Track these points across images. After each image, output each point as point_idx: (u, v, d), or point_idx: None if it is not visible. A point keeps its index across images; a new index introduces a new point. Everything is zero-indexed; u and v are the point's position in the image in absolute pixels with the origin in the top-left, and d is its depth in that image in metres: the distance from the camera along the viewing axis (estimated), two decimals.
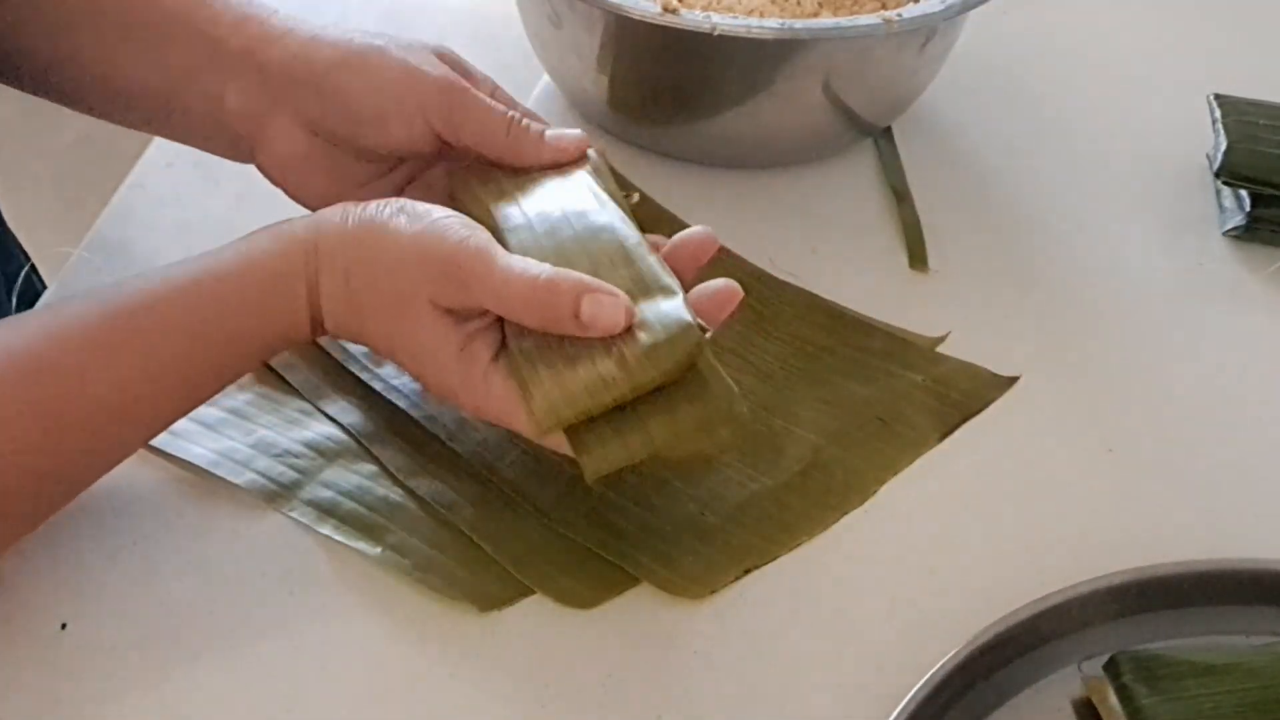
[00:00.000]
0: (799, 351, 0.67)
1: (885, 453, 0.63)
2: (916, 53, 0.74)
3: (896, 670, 0.53)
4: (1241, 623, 0.56)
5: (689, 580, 0.58)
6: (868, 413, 0.65)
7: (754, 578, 0.58)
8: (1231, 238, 0.75)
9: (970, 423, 0.65)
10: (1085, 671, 0.54)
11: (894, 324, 0.69)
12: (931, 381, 0.66)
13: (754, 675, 0.55)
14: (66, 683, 0.54)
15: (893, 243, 0.74)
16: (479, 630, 0.56)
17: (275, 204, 0.75)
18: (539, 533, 0.59)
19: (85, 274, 0.70)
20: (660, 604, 0.57)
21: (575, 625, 0.56)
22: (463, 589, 0.57)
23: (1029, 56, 0.89)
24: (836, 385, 0.66)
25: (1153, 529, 0.61)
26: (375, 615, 0.56)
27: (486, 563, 0.58)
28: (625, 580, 0.57)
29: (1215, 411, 0.66)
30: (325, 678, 0.54)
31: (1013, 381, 0.67)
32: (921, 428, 0.64)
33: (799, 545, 0.59)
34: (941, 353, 0.68)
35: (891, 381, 0.66)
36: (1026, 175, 0.80)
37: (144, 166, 0.77)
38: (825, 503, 0.61)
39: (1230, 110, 0.78)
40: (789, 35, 0.68)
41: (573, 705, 0.54)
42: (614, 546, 0.58)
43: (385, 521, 0.59)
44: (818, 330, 0.68)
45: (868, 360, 0.67)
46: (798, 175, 0.78)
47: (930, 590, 0.58)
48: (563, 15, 0.74)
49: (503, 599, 0.57)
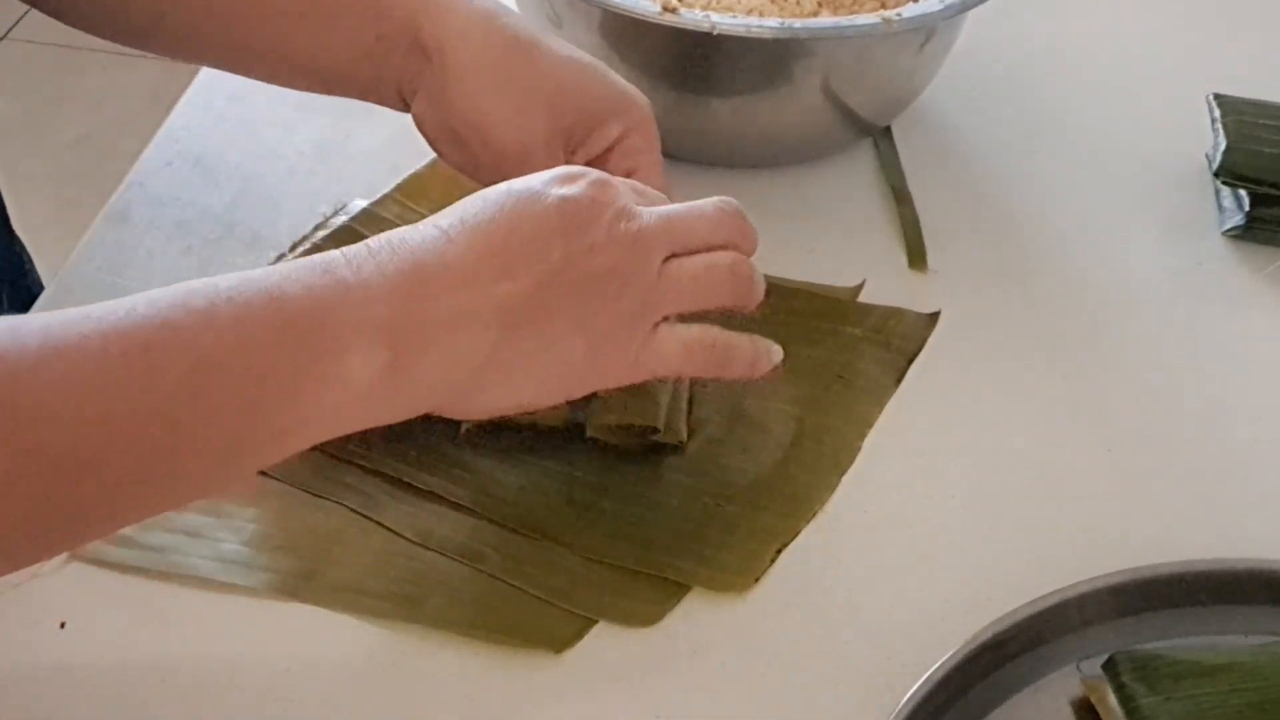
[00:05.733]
0: (739, 327, 0.68)
1: (857, 409, 0.65)
2: (916, 52, 0.74)
3: (896, 670, 0.53)
4: (1241, 622, 0.56)
5: (732, 574, 0.58)
6: (827, 374, 0.66)
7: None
8: (1230, 237, 0.75)
9: (970, 422, 0.65)
10: (1084, 671, 0.54)
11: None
12: (870, 332, 0.68)
13: (753, 675, 0.55)
14: (66, 683, 0.54)
15: (892, 242, 0.74)
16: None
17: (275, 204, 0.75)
18: (572, 564, 0.58)
19: (84, 273, 0.70)
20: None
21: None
22: (529, 635, 0.56)
23: (1028, 56, 0.89)
24: (788, 353, 0.66)
25: (1152, 529, 0.61)
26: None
27: (537, 604, 0.57)
28: (677, 589, 0.57)
29: (1214, 411, 0.66)
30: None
31: (935, 318, 0.69)
32: (877, 378, 0.66)
33: (815, 515, 0.60)
34: (864, 302, 0.70)
35: (836, 339, 0.68)
36: (1026, 175, 0.80)
37: (143, 166, 0.77)
38: (823, 467, 0.62)
39: (1229, 110, 0.78)
40: (788, 35, 0.68)
41: (572, 704, 0.54)
42: (650, 560, 0.58)
43: (420, 589, 0.57)
44: None
45: (805, 322, 0.69)
46: (797, 175, 0.78)
47: (929, 590, 0.58)
48: (563, 15, 0.74)
49: (572, 635, 0.56)
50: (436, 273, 0.51)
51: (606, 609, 0.57)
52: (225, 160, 0.77)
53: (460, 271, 0.51)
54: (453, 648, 0.55)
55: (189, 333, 0.47)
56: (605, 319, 0.53)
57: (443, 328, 0.50)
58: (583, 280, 0.52)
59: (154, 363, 0.46)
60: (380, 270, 0.50)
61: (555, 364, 0.53)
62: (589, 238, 0.52)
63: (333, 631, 0.56)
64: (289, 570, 0.57)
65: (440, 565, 0.58)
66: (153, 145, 0.78)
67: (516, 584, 0.57)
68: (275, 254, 0.71)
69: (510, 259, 0.51)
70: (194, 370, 0.47)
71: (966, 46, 0.80)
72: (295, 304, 0.49)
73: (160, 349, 0.47)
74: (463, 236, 0.51)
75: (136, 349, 0.46)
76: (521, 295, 0.51)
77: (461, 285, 0.51)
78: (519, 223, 0.52)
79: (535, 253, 0.52)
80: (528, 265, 0.51)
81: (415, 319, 0.50)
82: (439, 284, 0.50)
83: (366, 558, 0.58)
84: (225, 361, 0.47)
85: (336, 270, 0.50)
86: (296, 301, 0.49)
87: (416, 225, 0.52)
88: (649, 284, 0.53)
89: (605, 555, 0.58)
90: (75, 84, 2.26)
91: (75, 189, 2.05)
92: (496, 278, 0.51)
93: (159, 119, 0.80)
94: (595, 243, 0.52)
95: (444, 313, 0.50)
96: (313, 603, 0.56)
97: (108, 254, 0.71)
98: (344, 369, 0.49)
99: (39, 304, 0.70)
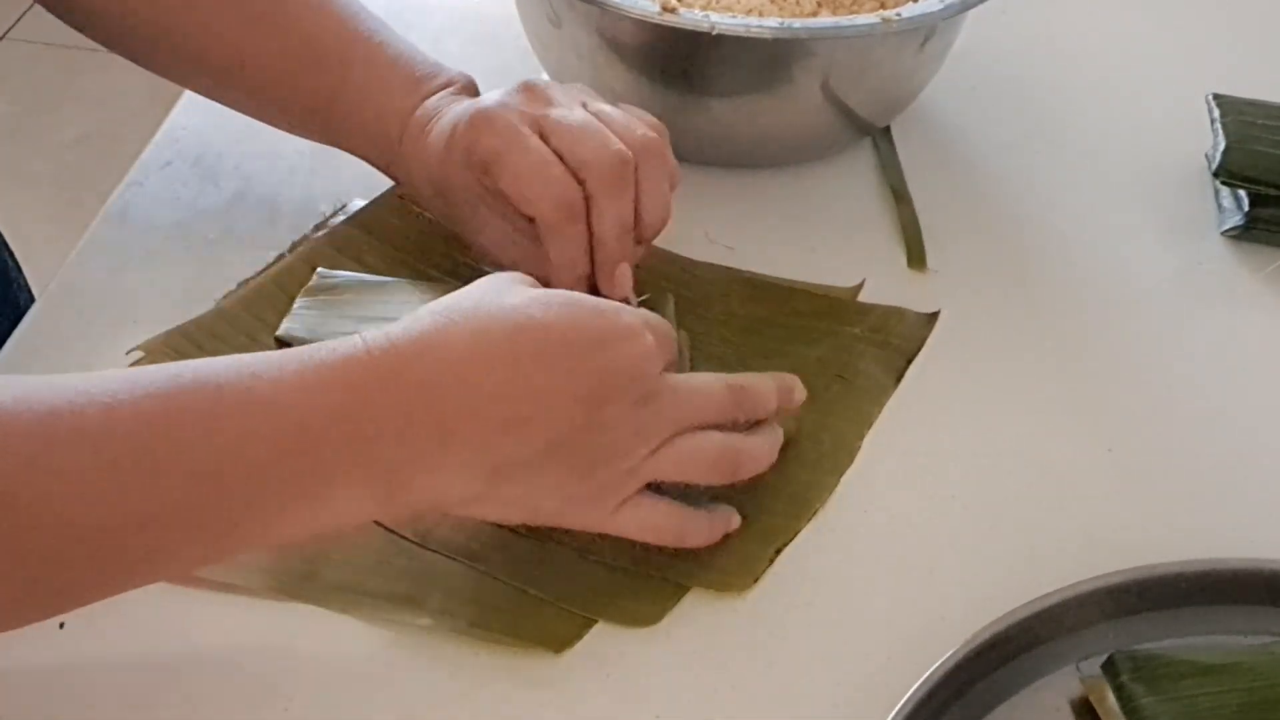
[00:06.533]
0: (738, 328, 0.68)
1: (857, 408, 0.65)
2: (915, 52, 0.74)
3: (895, 670, 0.53)
4: (1240, 622, 0.56)
5: (732, 575, 0.58)
6: (826, 374, 0.66)
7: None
8: (1230, 237, 0.75)
9: (970, 422, 0.65)
10: (1083, 671, 0.54)
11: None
12: (869, 331, 0.68)
13: (753, 675, 0.55)
14: (67, 683, 0.54)
15: (891, 242, 0.74)
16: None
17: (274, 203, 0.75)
18: (574, 565, 0.58)
19: (84, 273, 0.70)
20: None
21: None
22: (530, 635, 0.56)
23: (1028, 56, 0.89)
24: (788, 354, 0.67)
25: (1151, 528, 0.61)
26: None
27: (537, 604, 0.57)
28: (677, 589, 0.57)
29: (1213, 411, 0.66)
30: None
31: (935, 317, 0.69)
32: (877, 377, 0.66)
33: (814, 515, 0.60)
34: (863, 301, 0.70)
35: (835, 339, 0.68)
36: (1025, 175, 0.80)
37: (142, 165, 0.77)
38: (822, 468, 0.62)
39: (1229, 110, 0.78)
40: (788, 35, 0.68)
41: (572, 704, 0.54)
42: (651, 561, 0.58)
43: (421, 589, 0.57)
44: (746, 302, 0.70)
45: (804, 323, 0.69)
46: (796, 174, 0.78)
47: (928, 590, 0.58)
48: (562, 15, 0.74)
49: (572, 635, 0.56)
50: (453, 425, 0.51)
51: (606, 609, 0.57)
52: (225, 160, 0.77)
53: (473, 427, 0.51)
54: (453, 648, 0.55)
55: (188, 442, 0.48)
56: (587, 485, 0.54)
57: (437, 474, 0.51)
58: (581, 449, 0.53)
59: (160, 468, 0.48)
60: (397, 408, 0.50)
61: (524, 509, 0.54)
62: (608, 412, 0.53)
63: (333, 631, 0.56)
64: (289, 570, 0.57)
65: (440, 565, 0.58)
66: (152, 145, 0.78)
67: (516, 584, 0.57)
68: (275, 254, 0.71)
69: (529, 409, 0.52)
70: (192, 480, 0.48)
71: (966, 46, 0.80)
72: (305, 434, 0.49)
73: (164, 458, 0.48)
74: (490, 380, 0.51)
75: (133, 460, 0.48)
76: (521, 457, 0.52)
77: (469, 441, 0.51)
78: (551, 372, 0.52)
79: (556, 411, 0.52)
80: (545, 422, 0.52)
81: (417, 467, 0.51)
82: (451, 437, 0.51)
83: (366, 558, 0.58)
84: (224, 471, 0.49)
85: (355, 409, 0.50)
86: (306, 431, 0.49)
87: (450, 355, 0.51)
88: (638, 461, 0.54)
89: (605, 555, 0.58)
90: (75, 84, 2.27)
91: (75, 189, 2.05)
92: (506, 428, 0.51)
93: (159, 119, 0.80)
94: (610, 420, 0.53)
95: (442, 465, 0.51)
96: (313, 603, 0.56)
97: (107, 254, 0.72)
98: (336, 501, 0.51)
99: (39, 304, 0.70)
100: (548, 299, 0.53)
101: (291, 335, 0.65)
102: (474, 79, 0.68)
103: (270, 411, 0.49)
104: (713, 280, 0.71)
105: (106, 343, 0.66)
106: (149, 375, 0.49)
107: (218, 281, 0.69)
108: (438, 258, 0.70)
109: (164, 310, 0.67)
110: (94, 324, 0.68)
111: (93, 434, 0.47)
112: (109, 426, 0.47)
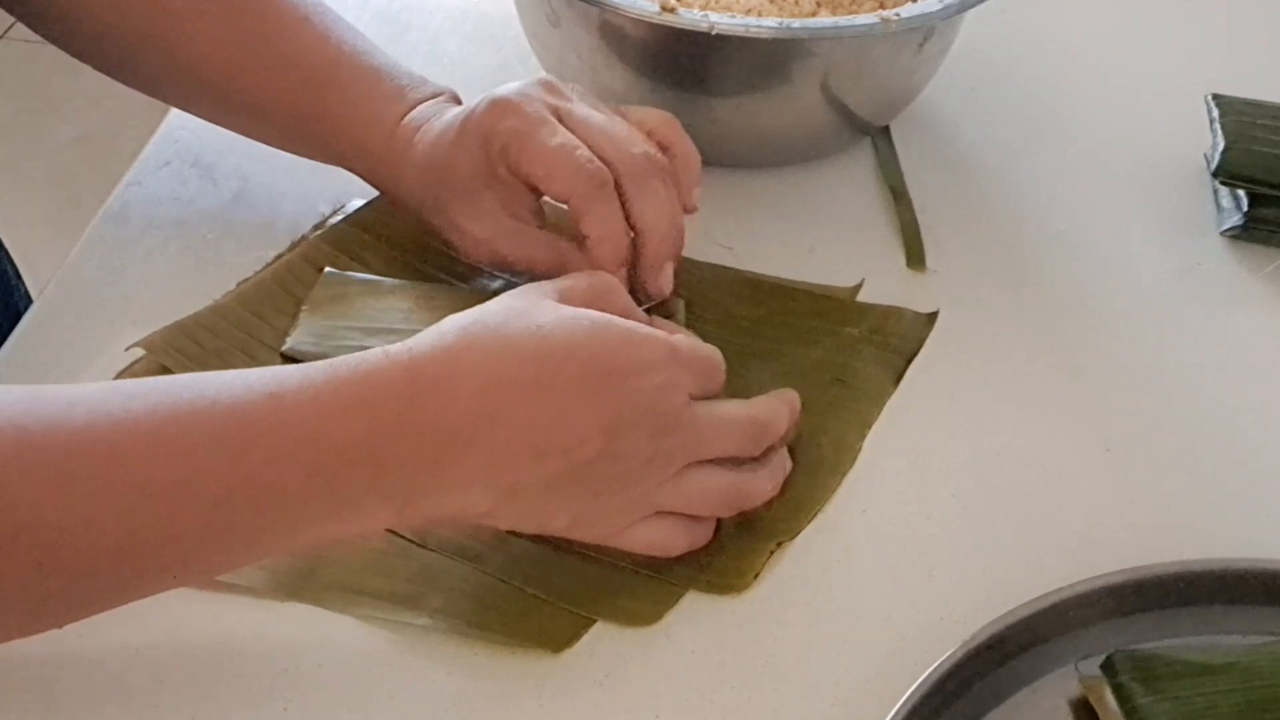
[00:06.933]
0: (738, 329, 0.68)
1: (856, 410, 0.65)
2: (914, 52, 0.74)
3: (894, 670, 0.53)
4: (1239, 622, 0.56)
5: (732, 575, 0.58)
6: (825, 375, 0.66)
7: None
8: (1229, 238, 0.75)
9: (969, 422, 0.65)
10: (1082, 671, 0.54)
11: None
12: (868, 332, 0.68)
13: (752, 675, 0.55)
14: (67, 683, 0.54)
15: (890, 242, 0.74)
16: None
17: (273, 203, 0.75)
18: (573, 564, 0.58)
19: (83, 273, 0.70)
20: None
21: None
22: (529, 635, 0.56)
23: (1027, 56, 0.89)
24: (787, 355, 0.67)
25: (1150, 528, 0.61)
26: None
27: (536, 604, 0.57)
28: (676, 589, 0.57)
29: (1212, 411, 0.67)
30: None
31: (934, 317, 0.69)
32: (876, 379, 0.66)
33: (815, 516, 0.60)
34: (862, 301, 0.70)
35: (834, 340, 0.68)
36: (1024, 175, 0.80)
37: (142, 165, 0.77)
38: (822, 470, 0.62)
39: (1228, 110, 0.78)
40: (787, 34, 0.68)
41: (572, 704, 0.54)
42: (650, 560, 0.58)
43: (419, 588, 0.57)
44: (745, 303, 0.70)
45: (803, 323, 0.69)
46: (795, 174, 0.78)
47: (927, 590, 0.58)
48: (561, 14, 0.74)
49: (571, 635, 0.56)
50: (473, 448, 0.51)
51: (606, 609, 0.57)
52: (224, 160, 0.77)
53: (492, 451, 0.51)
54: (452, 647, 0.55)
55: (212, 468, 0.49)
56: (598, 508, 0.54)
57: (454, 491, 0.52)
58: (595, 475, 0.53)
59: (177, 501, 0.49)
60: (421, 433, 0.51)
61: (534, 524, 0.55)
62: (625, 442, 0.53)
63: (332, 631, 0.56)
64: (288, 569, 0.57)
65: (439, 564, 0.58)
66: (151, 145, 0.78)
67: (515, 583, 0.57)
68: (274, 254, 0.71)
69: (549, 436, 0.52)
70: (216, 505, 0.49)
71: (965, 46, 0.80)
72: (329, 458, 0.50)
73: (188, 487, 0.49)
74: (511, 407, 0.51)
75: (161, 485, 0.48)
76: (537, 479, 0.52)
77: (488, 463, 0.51)
78: (573, 400, 0.52)
79: (575, 439, 0.52)
80: (564, 449, 0.52)
81: (436, 485, 0.52)
82: (470, 460, 0.51)
83: (366, 557, 0.58)
84: (249, 495, 0.49)
85: (379, 434, 0.50)
86: (331, 456, 0.50)
87: (473, 380, 0.51)
88: (650, 489, 0.54)
89: (605, 555, 0.58)
90: (74, 84, 2.26)
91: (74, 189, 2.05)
92: (525, 452, 0.52)
93: (158, 119, 0.80)
94: (627, 450, 0.53)
95: (459, 483, 0.52)
96: (312, 602, 0.56)
97: (106, 254, 0.72)
98: (356, 517, 0.51)
99: (38, 304, 0.70)
100: (575, 320, 0.53)
101: (298, 351, 0.65)
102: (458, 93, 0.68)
103: (296, 436, 0.49)
104: (711, 280, 0.71)
105: (106, 343, 0.66)
106: (173, 397, 0.49)
107: (217, 281, 0.69)
108: (437, 257, 0.70)
109: (163, 310, 0.67)
110: (93, 324, 0.68)
111: (119, 458, 0.48)
112: (134, 450, 0.48)
